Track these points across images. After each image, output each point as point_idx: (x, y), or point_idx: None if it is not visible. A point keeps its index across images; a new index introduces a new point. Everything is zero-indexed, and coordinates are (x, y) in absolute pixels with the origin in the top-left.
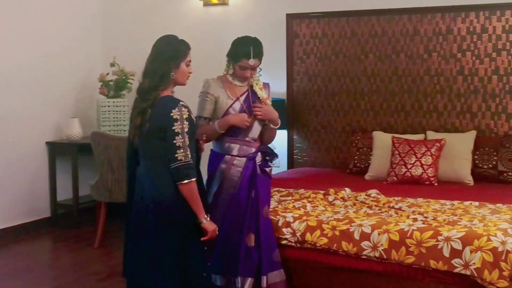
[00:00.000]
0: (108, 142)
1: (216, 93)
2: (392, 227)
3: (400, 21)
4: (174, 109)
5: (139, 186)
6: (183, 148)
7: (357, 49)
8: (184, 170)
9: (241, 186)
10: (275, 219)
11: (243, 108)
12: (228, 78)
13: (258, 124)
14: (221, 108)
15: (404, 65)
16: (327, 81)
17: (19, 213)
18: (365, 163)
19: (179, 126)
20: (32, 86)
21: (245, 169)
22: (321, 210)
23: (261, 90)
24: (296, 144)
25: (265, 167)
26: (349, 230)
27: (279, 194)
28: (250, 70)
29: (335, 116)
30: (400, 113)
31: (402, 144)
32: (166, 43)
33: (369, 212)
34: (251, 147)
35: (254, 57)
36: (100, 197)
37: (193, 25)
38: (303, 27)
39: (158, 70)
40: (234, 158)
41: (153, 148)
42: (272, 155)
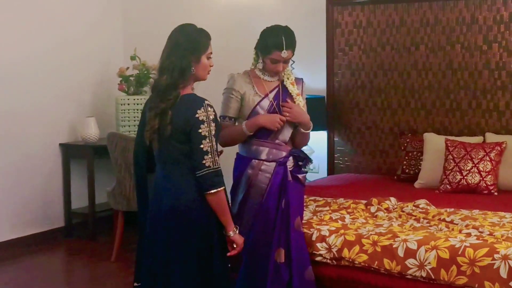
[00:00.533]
0: (126, 144)
1: (242, 89)
2: (442, 243)
3: (455, 8)
4: (199, 109)
5: (157, 194)
6: (211, 153)
7: (406, 40)
8: (213, 178)
9: (270, 194)
10: (309, 233)
11: (273, 106)
12: (256, 73)
13: (289, 126)
14: (247, 106)
15: (460, 58)
16: (372, 76)
17: (30, 222)
18: (415, 169)
19: (206, 128)
20: (43, 81)
21: (275, 175)
22: (361, 223)
23: (293, 85)
24: (337, 147)
25: (298, 173)
26: (392, 246)
27: (315, 203)
28: (283, 63)
29: (381, 116)
30: (456, 112)
31: (457, 148)
32: (184, 33)
33: (416, 226)
34: (281, 150)
35: (287, 48)
36: (117, 206)
37: (221, 13)
38: (345, 15)
39: (177, 64)
40: (262, 162)
41: (175, 153)
42: (306, 160)
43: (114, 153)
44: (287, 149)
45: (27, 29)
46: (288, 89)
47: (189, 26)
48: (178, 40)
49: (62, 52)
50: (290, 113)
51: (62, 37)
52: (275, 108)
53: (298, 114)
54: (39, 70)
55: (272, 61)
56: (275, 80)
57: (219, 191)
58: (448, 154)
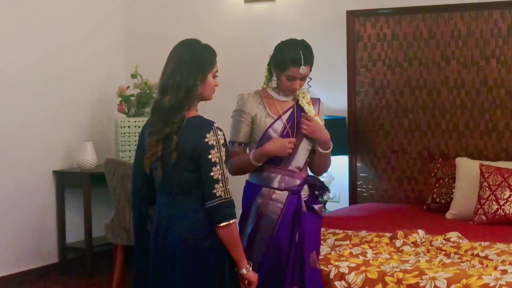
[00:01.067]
0: (125, 171)
1: (252, 110)
2: (474, 281)
3: (490, 18)
4: (208, 133)
5: (160, 228)
6: (223, 181)
7: (436, 54)
8: (225, 209)
9: (282, 227)
10: (326, 270)
11: (286, 128)
12: (269, 92)
13: (304, 149)
14: (258, 129)
15: (495, 74)
16: (399, 94)
17: (21, 258)
18: (447, 197)
19: (216, 154)
20: (35, 101)
21: (287, 205)
22: (385, 259)
23: (309, 104)
24: (360, 173)
25: (314, 203)
26: (419, 284)
27: (334, 237)
28: (300, 80)
29: (409, 138)
30: (492, 134)
31: (494, 174)
32: (189, 50)
33: (445, 262)
34: (295, 178)
35: (305, 63)
36: (116, 240)
37: (232, 26)
38: (368, 27)
39: (183, 84)
40: (274, 191)
41: (182, 182)
42: (323, 189)
43: (112, 181)
44: (302, 177)
45: (18, 43)
46: (304, 109)
47: (194, 41)
48: (183, 57)
49: (56, 69)
50: (308, 125)
51: (56, 53)
52: (288, 131)
53: (317, 129)
54: (31, 88)
55: (289, 78)
56: (290, 100)
57: (231, 223)
58: (484, 181)
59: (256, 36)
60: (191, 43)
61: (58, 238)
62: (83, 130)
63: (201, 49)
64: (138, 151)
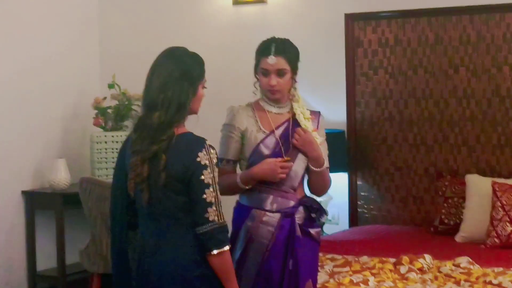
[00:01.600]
0: (102, 191)
1: (243, 125)
2: None
3: (502, 22)
4: (200, 152)
5: (144, 256)
6: (216, 204)
7: (443, 61)
8: (218, 235)
9: (273, 253)
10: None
11: (279, 145)
12: (260, 104)
13: (299, 167)
14: (248, 145)
15: (508, 83)
16: (403, 106)
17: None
18: (456, 218)
19: (210, 174)
20: (3, 115)
21: (279, 229)
22: (388, 287)
23: (308, 120)
24: (361, 192)
25: (310, 227)
26: None
27: (332, 263)
28: (277, 77)
29: (414, 154)
30: (505, 149)
31: (508, 193)
32: (178, 61)
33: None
34: (288, 199)
35: (276, 53)
36: (92, 267)
37: (219, 31)
38: (369, 32)
39: (174, 100)
40: (264, 213)
41: (170, 206)
42: (320, 211)
43: (87, 203)
44: (296, 198)
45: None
46: (301, 124)
47: (180, 51)
48: (172, 70)
49: (26, 80)
50: (300, 137)
51: (26, 63)
52: (281, 148)
53: (308, 141)
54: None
55: (263, 73)
56: (285, 112)
57: (225, 251)
58: (496, 201)
59: (246, 42)
60: (178, 52)
61: (28, 265)
62: (55, 146)
63: (191, 60)
64: (117, 171)
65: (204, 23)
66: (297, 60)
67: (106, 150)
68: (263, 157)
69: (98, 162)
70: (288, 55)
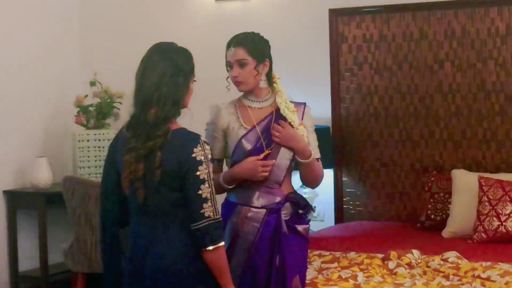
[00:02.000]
0: (86, 190)
1: (224, 123)
2: None
3: (486, 17)
4: (195, 148)
5: (137, 253)
6: (212, 200)
7: (428, 56)
8: (214, 231)
9: (258, 250)
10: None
11: (259, 141)
12: (242, 100)
13: (283, 161)
14: (231, 142)
15: (494, 77)
16: (388, 101)
17: None
18: (442, 214)
19: (205, 170)
20: None
21: (264, 226)
22: (377, 282)
23: (293, 113)
24: (347, 188)
25: (297, 223)
26: None
27: (320, 259)
28: (240, 68)
29: (400, 149)
30: (490, 143)
31: (494, 187)
32: (170, 58)
33: (444, 284)
34: (274, 195)
35: (235, 45)
36: (76, 267)
37: (201, 28)
38: (353, 27)
39: (170, 96)
40: (249, 209)
41: (164, 203)
42: (307, 207)
43: (71, 202)
44: (282, 194)
45: None
46: (287, 118)
47: (171, 46)
48: (165, 65)
49: (6, 78)
50: (280, 133)
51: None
52: (262, 143)
53: (290, 137)
54: None
55: (228, 65)
56: (267, 106)
57: (220, 247)
58: (483, 195)
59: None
60: (169, 49)
61: (10, 266)
62: (36, 145)
63: (182, 55)
64: (107, 169)
65: (186, 20)
66: (261, 51)
67: (89, 149)
68: (245, 152)
69: (80, 161)
70: (248, 46)
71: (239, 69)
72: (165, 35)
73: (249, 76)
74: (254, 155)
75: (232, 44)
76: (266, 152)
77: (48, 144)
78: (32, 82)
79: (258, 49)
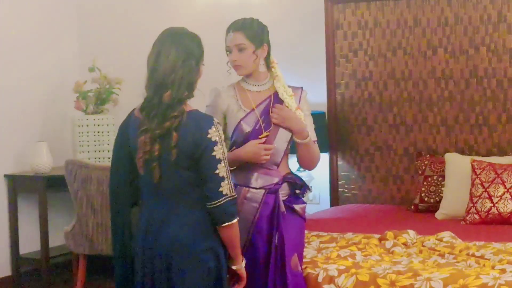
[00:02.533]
0: (88, 173)
1: (224, 105)
2: (472, 281)
3: (479, 4)
4: (210, 129)
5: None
6: (228, 178)
7: (421, 43)
8: (231, 207)
9: (258, 229)
10: (314, 273)
11: (258, 123)
12: (241, 84)
13: (281, 143)
14: (230, 124)
15: (486, 63)
16: (382, 87)
17: None
18: (436, 196)
19: (220, 150)
20: None
21: (263, 205)
22: (375, 260)
23: (291, 97)
24: (342, 172)
25: (294, 203)
26: (414, 286)
27: (318, 239)
28: (238, 52)
29: (394, 134)
30: (483, 128)
31: (486, 170)
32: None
33: (440, 262)
34: (272, 176)
35: (235, 30)
36: (78, 248)
37: (196, 14)
38: (348, 14)
39: (185, 78)
40: (248, 190)
41: (180, 182)
42: (304, 188)
43: (73, 185)
44: (280, 174)
45: None
46: (285, 102)
47: (183, 31)
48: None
49: (7, 64)
50: (278, 114)
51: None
52: (261, 125)
53: (288, 117)
54: None
55: (228, 50)
56: (265, 89)
57: (235, 222)
58: (476, 178)
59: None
60: (181, 33)
61: (11, 248)
62: (36, 130)
63: (194, 40)
64: (118, 150)
65: (183, 7)
66: (260, 36)
67: (88, 133)
68: (244, 135)
69: (80, 145)
70: (246, 31)
71: (238, 53)
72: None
73: (248, 60)
74: (253, 137)
75: (231, 29)
76: (265, 134)
77: (48, 129)
78: (32, 68)
79: (257, 34)
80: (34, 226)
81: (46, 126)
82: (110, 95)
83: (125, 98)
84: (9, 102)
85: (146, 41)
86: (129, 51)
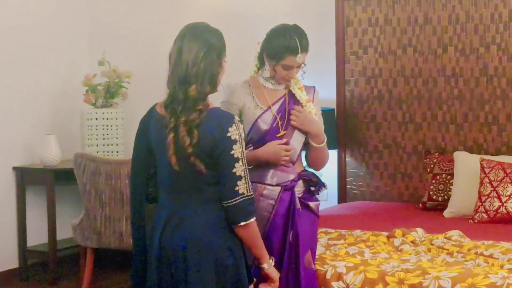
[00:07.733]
0: (96, 167)
1: (240, 101)
2: (480, 281)
3: (490, 2)
4: (230, 127)
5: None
6: (245, 177)
7: (432, 41)
8: (247, 207)
9: (274, 226)
10: (323, 270)
11: (276, 120)
12: (259, 80)
13: (297, 142)
14: (247, 121)
15: (496, 62)
16: (392, 84)
17: None
18: (444, 195)
19: (239, 149)
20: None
21: (280, 202)
22: (384, 258)
23: (301, 90)
24: (350, 169)
25: (309, 200)
26: (422, 284)
27: (326, 236)
28: (296, 68)
29: (403, 132)
30: (492, 126)
31: (495, 169)
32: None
33: (449, 261)
34: (288, 173)
35: (302, 51)
36: (85, 242)
37: (209, 9)
38: (359, 11)
39: (208, 71)
40: (265, 187)
41: (196, 179)
42: (319, 185)
43: (82, 178)
44: (296, 172)
45: None
46: (295, 95)
47: (203, 25)
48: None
49: (16, 57)
50: (297, 116)
51: (16, 40)
52: (278, 123)
53: (307, 120)
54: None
55: (285, 67)
56: (281, 88)
57: (252, 222)
58: (484, 177)
59: (235, 24)
60: (202, 28)
61: (19, 241)
62: (45, 123)
63: (215, 34)
64: (138, 145)
65: (191, 5)
66: None
67: (97, 127)
68: (261, 132)
69: (88, 139)
70: (308, 49)
71: (296, 69)
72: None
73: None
74: (269, 135)
75: (301, 51)
76: (282, 133)
77: (56, 122)
78: (42, 61)
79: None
80: (42, 218)
81: (55, 119)
82: (119, 88)
83: (134, 92)
84: (18, 95)
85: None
86: (138, 45)
